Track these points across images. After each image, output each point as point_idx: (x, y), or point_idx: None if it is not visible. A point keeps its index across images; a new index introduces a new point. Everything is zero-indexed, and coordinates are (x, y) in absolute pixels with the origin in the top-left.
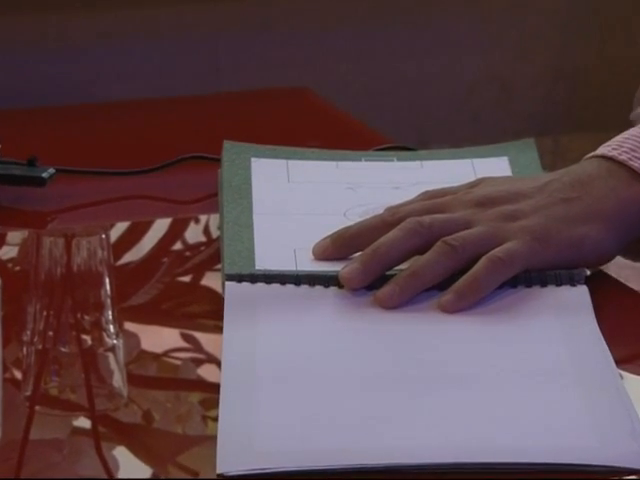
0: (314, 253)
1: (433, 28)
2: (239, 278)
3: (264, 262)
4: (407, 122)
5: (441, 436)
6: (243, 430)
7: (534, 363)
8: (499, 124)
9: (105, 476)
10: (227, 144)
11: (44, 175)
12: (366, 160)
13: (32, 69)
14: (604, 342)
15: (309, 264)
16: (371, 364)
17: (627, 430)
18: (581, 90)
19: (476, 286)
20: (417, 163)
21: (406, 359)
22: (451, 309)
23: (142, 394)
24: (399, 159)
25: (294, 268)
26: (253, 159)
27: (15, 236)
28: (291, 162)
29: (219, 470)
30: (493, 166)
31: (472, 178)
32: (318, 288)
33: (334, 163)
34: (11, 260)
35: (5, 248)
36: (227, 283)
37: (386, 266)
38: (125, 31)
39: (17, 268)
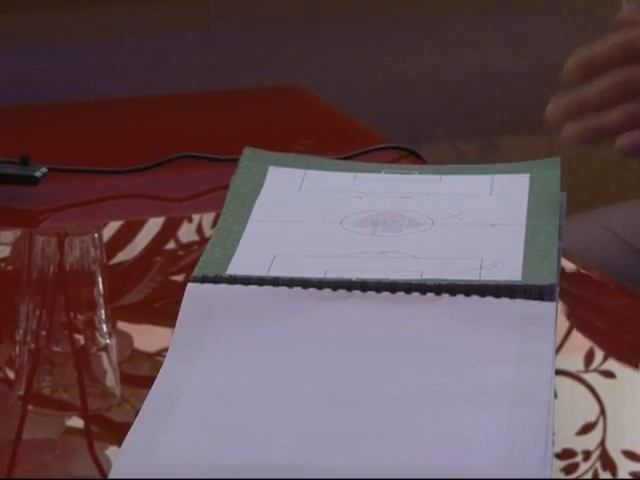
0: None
1: (427, 24)
2: (202, 280)
3: (236, 267)
4: (401, 118)
5: (346, 453)
6: (149, 441)
7: (476, 383)
8: (494, 121)
9: (98, 476)
10: (247, 151)
11: (37, 174)
12: (386, 173)
13: (24, 67)
14: (554, 364)
15: (284, 270)
16: (305, 378)
17: (537, 454)
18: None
19: None
20: (436, 177)
21: (347, 374)
22: None
23: (135, 393)
24: (420, 172)
25: (265, 273)
26: (271, 167)
27: (7, 235)
28: (309, 172)
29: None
30: (513, 183)
31: (489, 194)
32: (282, 289)
33: (352, 174)
34: (3, 259)
35: None
36: (189, 284)
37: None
38: (117, 29)
39: (9, 267)
